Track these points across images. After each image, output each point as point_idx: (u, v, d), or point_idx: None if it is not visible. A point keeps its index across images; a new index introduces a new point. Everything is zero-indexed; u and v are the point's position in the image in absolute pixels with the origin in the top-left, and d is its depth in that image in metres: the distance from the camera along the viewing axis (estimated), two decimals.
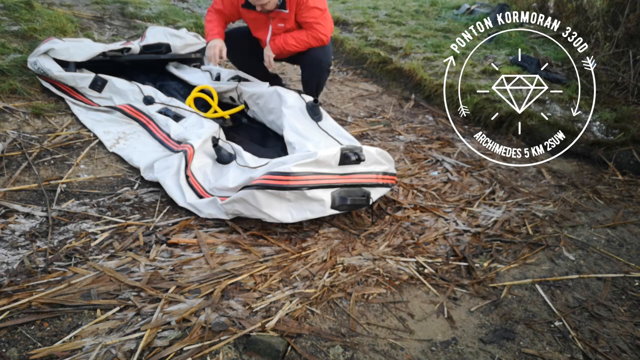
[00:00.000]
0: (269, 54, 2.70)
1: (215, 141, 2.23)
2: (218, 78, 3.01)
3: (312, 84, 2.89)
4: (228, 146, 2.30)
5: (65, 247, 1.76)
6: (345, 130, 2.39)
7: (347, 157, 1.95)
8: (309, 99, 2.52)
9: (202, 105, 2.75)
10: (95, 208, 2.02)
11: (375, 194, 2.12)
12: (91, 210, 2.00)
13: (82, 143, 2.48)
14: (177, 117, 2.59)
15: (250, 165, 2.11)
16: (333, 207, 1.94)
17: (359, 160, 1.98)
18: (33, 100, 2.71)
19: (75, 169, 2.26)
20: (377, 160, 2.11)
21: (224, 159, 2.23)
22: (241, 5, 2.65)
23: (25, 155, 2.28)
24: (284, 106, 2.48)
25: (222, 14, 2.73)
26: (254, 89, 2.76)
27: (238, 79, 2.91)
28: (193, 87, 2.91)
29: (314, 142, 2.20)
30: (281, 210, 1.87)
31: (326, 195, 1.91)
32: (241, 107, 2.84)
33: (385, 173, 2.14)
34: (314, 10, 2.60)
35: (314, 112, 2.44)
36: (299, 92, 2.63)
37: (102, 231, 1.87)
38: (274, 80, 3.13)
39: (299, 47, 2.70)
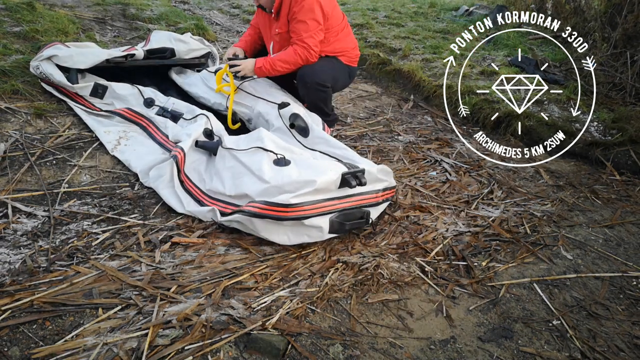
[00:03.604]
0: (248, 68, 2.47)
1: (196, 142, 2.26)
2: None
3: (309, 105, 2.67)
4: (211, 138, 2.33)
5: (67, 247, 1.77)
6: (337, 142, 2.30)
7: (348, 182, 1.90)
8: (289, 112, 2.43)
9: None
10: (97, 208, 2.03)
11: (375, 212, 2.08)
12: (93, 210, 2.01)
13: (84, 143, 2.49)
14: (175, 117, 2.58)
15: (234, 147, 2.16)
16: (331, 232, 1.93)
17: (360, 184, 1.93)
18: (35, 101, 2.72)
19: (77, 169, 2.27)
20: (377, 179, 2.05)
21: (214, 149, 2.24)
22: (256, 5, 2.56)
23: (27, 155, 2.30)
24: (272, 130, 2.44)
25: (254, 28, 2.78)
26: (243, 109, 2.69)
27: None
28: (189, 96, 2.90)
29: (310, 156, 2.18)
30: (278, 234, 1.88)
31: (324, 222, 1.89)
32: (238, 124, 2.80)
33: (385, 189, 2.10)
34: (301, 24, 2.36)
35: (298, 130, 2.38)
36: (279, 105, 2.51)
37: (104, 231, 1.89)
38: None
39: (289, 68, 2.45)
